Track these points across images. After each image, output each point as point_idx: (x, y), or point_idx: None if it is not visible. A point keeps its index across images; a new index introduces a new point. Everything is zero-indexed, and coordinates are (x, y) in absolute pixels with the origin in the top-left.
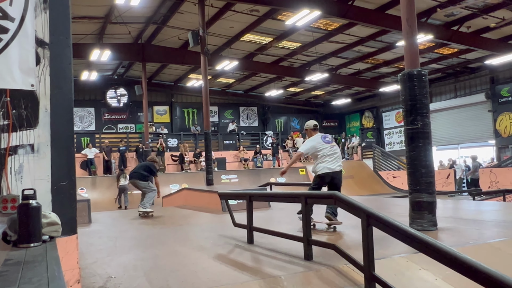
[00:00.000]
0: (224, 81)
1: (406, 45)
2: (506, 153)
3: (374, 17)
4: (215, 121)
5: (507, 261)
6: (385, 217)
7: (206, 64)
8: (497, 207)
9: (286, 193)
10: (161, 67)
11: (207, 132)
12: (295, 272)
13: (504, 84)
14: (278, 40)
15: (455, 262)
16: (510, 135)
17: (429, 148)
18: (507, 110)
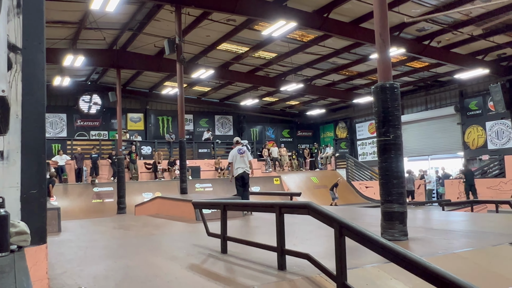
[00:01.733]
0: (199, 89)
1: (379, 58)
2: (474, 165)
3: (348, 30)
4: (190, 129)
5: (474, 271)
6: (357, 227)
7: (181, 72)
8: (465, 217)
9: (260, 203)
10: (136, 74)
11: (181, 140)
12: (268, 282)
13: (472, 98)
14: (254, 50)
15: (424, 271)
16: (478, 147)
17: (401, 160)
18: (474, 123)
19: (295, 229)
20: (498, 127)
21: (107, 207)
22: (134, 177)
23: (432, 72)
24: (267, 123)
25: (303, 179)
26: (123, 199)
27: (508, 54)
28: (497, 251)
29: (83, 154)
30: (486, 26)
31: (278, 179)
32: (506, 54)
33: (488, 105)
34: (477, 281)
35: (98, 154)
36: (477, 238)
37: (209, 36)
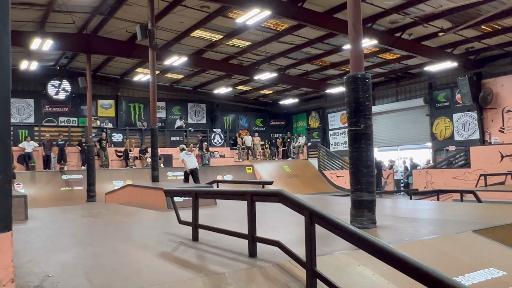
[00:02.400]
0: (172, 76)
1: (352, 49)
2: (441, 156)
3: (322, 20)
4: (162, 117)
5: (438, 257)
6: (327, 215)
7: (154, 59)
8: (432, 206)
9: (232, 191)
10: (107, 59)
11: (153, 128)
12: (239, 269)
13: (440, 90)
14: (228, 38)
15: (390, 257)
16: (445, 138)
17: (371, 149)
18: (442, 115)
19: (267, 217)
20: (464, 119)
21: (77, 195)
22: (105, 164)
23: (403, 64)
24: (240, 112)
25: (276, 168)
26: (93, 187)
27: (476, 48)
28: (460, 238)
29: (51, 141)
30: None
31: (251, 168)
32: (474, 48)
33: (456, 98)
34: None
35: (65, 141)
36: (441, 226)
37: (183, 23)
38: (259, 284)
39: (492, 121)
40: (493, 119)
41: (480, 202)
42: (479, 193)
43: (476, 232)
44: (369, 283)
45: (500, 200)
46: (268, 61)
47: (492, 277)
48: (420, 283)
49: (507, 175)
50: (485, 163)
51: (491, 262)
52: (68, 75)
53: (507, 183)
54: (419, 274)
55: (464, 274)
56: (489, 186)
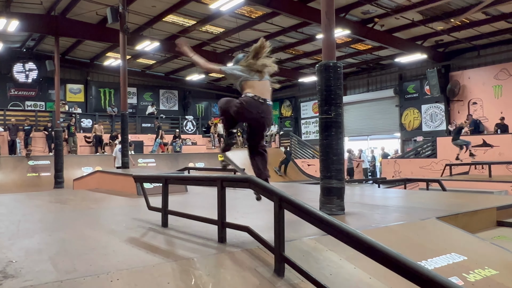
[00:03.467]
0: (144, 62)
1: (324, 37)
2: (409, 146)
3: (296, 8)
4: (134, 103)
5: (403, 242)
6: (296, 200)
7: (125, 43)
8: (399, 194)
9: (202, 177)
10: (76, 42)
11: (124, 114)
12: (208, 254)
13: (410, 82)
14: (202, 24)
15: (356, 242)
16: (413, 129)
17: (341, 137)
18: (411, 106)
19: (238, 204)
20: (432, 110)
21: (44, 181)
22: (73, 150)
23: (374, 55)
24: (213, 99)
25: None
26: (60, 173)
27: (445, 41)
28: (424, 225)
29: (17, 126)
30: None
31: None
32: (443, 40)
33: (425, 89)
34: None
35: (32, 126)
36: (407, 213)
37: (155, 7)
38: (228, 268)
39: (458, 113)
40: (460, 110)
41: (445, 190)
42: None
43: (439, 219)
44: (336, 267)
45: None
46: (241, 49)
47: (454, 261)
48: (384, 266)
49: (471, 165)
50: (451, 153)
51: (453, 248)
52: (35, 57)
53: (471, 173)
54: (384, 257)
55: (427, 259)
56: (453, 176)
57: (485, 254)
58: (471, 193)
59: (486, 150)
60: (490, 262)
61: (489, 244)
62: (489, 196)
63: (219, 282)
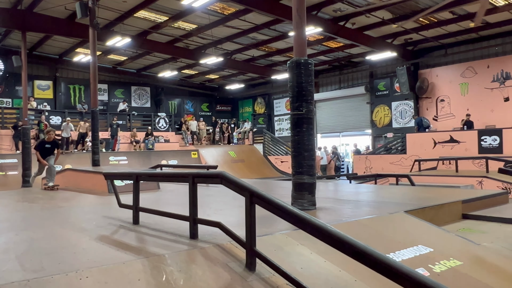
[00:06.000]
0: (115, 58)
1: (295, 34)
2: (380, 142)
3: (268, 6)
4: (105, 100)
5: (372, 235)
6: (267, 195)
7: (95, 39)
8: (369, 189)
9: (174, 173)
10: (45, 38)
11: (94, 111)
12: (179, 251)
13: (381, 79)
14: (174, 20)
15: (326, 235)
16: (384, 125)
17: (312, 133)
18: (382, 103)
19: (211, 200)
20: (402, 107)
21: (11, 180)
22: None
23: (346, 53)
24: (186, 96)
25: (221, 153)
26: (29, 172)
27: (414, 39)
28: (393, 218)
29: None
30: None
31: (196, 153)
32: (412, 39)
33: (395, 87)
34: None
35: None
36: (377, 207)
37: (126, 2)
38: (199, 264)
39: (427, 110)
40: (428, 107)
41: (414, 185)
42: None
43: (407, 213)
44: (307, 261)
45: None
46: (214, 45)
47: (420, 253)
48: (353, 258)
49: (439, 160)
50: (419, 149)
51: (420, 240)
52: (1, 53)
53: (439, 168)
54: (352, 250)
55: (395, 251)
56: (422, 171)
57: (450, 245)
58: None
59: (453, 146)
60: (455, 253)
61: (455, 236)
62: (455, 190)
63: (190, 278)
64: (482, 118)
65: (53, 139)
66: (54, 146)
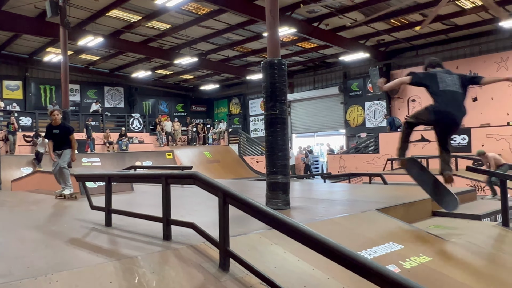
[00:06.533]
0: (87, 57)
1: (269, 35)
2: (354, 141)
3: (243, 6)
4: (77, 100)
5: (344, 233)
6: (240, 195)
7: (66, 38)
8: (343, 188)
9: (146, 174)
10: (14, 36)
11: (65, 111)
12: (152, 252)
13: (354, 80)
14: (148, 19)
15: (298, 234)
16: (357, 125)
17: (286, 133)
18: (355, 103)
19: (185, 201)
20: (375, 107)
21: None
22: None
23: (320, 54)
24: (160, 97)
25: (196, 154)
26: None
27: (386, 41)
28: (365, 216)
29: None
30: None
31: (171, 153)
32: (384, 40)
33: (367, 87)
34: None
35: None
36: (350, 205)
37: (98, 1)
38: (173, 265)
39: (399, 110)
40: (400, 107)
41: (386, 184)
42: (386, 176)
43: (379, 211)
44: (280, 260)
45: (403, 182)
46: (189, 46)
47: (392, 250)
48: (325, 256)
49: None
50: (392, 148)
51: (391, 237)
52: None
53: None
54: (324, 248)
55: (367, 249)
56: (395, 170)
57: (420, 242)
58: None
59: (424, 145)
60: (424, 250)
61: (424, 233)
62: None
63: (163, 279)
64: None
65: (61, 122)
66: (65, 132)
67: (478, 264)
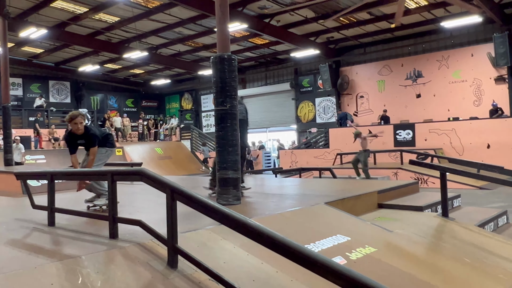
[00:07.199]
0: (30, 50)
1: (218, 30)
2: (305, 137)
3: (194, 0)
4: (19, 95)
5: (293, 227)
6: (187, 191)
7: (6, 29)
8: (294, 182)
9: (91, 171)
10: None
11: (5, 106)
12: (97, 251)
13: (305, 76)
14: (95, 11)
15: (246, 229)
16: (308, 121)
17: (236, 128)
18: (306, 99)
19: (134, 199)
20: (325, 103)
21: None
22: None
23: (271, 50)
24: (109, 92)
25: (147, 150)
26: None
27: (336, 38)
28: (314, 210)
29: None
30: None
31: (121, 150)
32: (333, 37)
33: (318, 83)
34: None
35: None
36: (299, 200)
37: None
38: (119, 264)
39: (348, 106)
40: (349, 103)
41: (335, 177)
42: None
43: (328, 204)
44: (230, 255)
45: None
46: (138, 39)
47: (339, 242)
48: (273, 250)
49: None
50: (341, 143)
51: (338, 230)
52: None
53: None
54: (271, 242)
55: (315, 241)
56: (344, 164)
57: (366, 234)
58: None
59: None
60: (370, 241)
61: (370, 225)
62: (372, 182)
63: (109, 279)
64: (397, 114)
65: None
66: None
67: (419, 253)
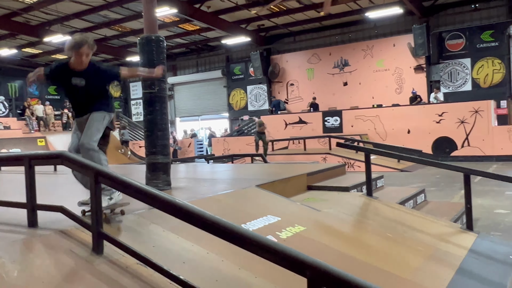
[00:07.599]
0: None
1: (145, 11)
2: (237, 124)
3: None
4: None
5: (226, 209)
6: (113, 173)
7: None
8: (225, 168)
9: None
10: None
11: None
12: (14, 241)
13: (236, 63)
14: None
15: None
16: (240, 108)
17: (166, 112)
18: (238, 86)
19: (59, 188)
20: (256, 91)
21: None
22: None
23: (202, 36)
24: None
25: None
26: None
27: (266, 26)
28: (245, 193)
29: None
30: None
31: (43, 140)
32: (264, 25)
33: (249, 71)
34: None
35: None
36: (231, 183)
37: None
38: (38, 253)
39: (279, 93)
40: (280, 91)
41: (266, 163)
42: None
43: (259, 187)
44: (159, 239)
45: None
46: (60, 22)
47: (269, 222)
48: (203, 229)
49: (289, 140)
50: (273, 130)
51: (269, 211)
52: None
53: (290, 147)
54: (201, 221)
55: (247, 222)
56: (276, 151)
57: (295, 214)
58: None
59: (301, 127)
60: (299, 220)
61: (300, 205)
62: (301, 165)
63: (26, 268)
64: (325, 101)
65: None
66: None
67: (345, 230)
